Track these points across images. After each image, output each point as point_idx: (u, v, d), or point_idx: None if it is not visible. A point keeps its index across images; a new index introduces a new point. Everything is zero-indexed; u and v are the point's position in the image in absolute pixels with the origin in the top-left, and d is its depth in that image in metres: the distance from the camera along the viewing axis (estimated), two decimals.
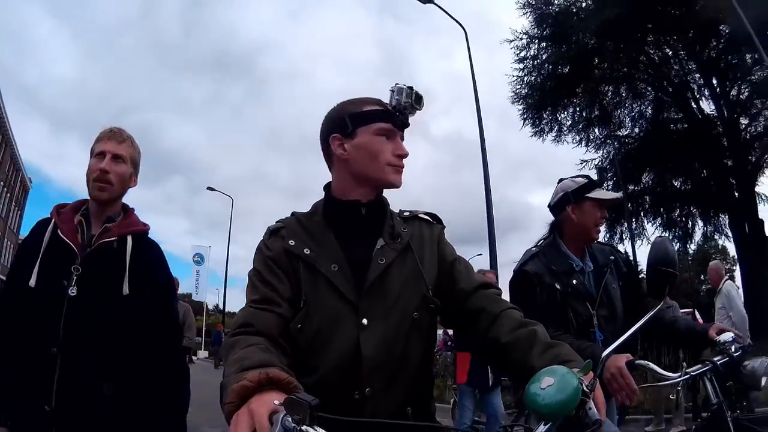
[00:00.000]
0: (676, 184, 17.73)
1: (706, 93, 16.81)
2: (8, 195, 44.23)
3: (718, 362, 2.21)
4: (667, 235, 17.62)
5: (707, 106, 17.04)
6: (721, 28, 14.66)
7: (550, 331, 2.14)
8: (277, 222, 1.57)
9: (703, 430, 2.30)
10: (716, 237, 18.86)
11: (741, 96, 16.18)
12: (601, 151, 17.91)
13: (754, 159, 16.00)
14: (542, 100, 17.50)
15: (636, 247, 17.19)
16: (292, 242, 1.47)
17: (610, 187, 16.73)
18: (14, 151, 44.10)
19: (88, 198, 2.16)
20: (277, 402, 0.93)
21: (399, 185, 1.54)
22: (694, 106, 17.00)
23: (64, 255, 1.98)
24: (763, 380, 2.22)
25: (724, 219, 17.18)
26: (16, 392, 1.90)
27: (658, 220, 17.63)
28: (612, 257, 2.70)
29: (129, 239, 2.10)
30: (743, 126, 16.39)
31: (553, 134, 18.12)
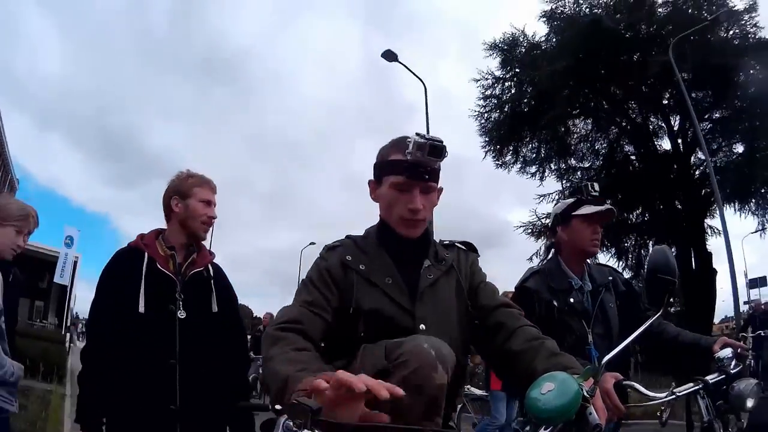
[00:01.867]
0: (632, 216, 18.32)
1: (665, 129, 17.51)
2: None
3: (711, 381, 2.21)
4: (619, 265, 18.13)
5: (664, 143, 17.76)
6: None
7: None
8: (333, 242, 1.68)
9: None
10: None
11: (700, 132, 16.94)
12: (561, 183, 18.51)
13: (704, 194, 16.67)
14: (506, 136, 18.21)
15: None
16: (349, 257, 1.58)
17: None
18: (5, 151, 43.95)
19: (165, 228, 2.59)
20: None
21: (413, 237, 1.62)
22: (652, 143, 17.72)
23: (165, 284, 2.41)
24: (749, 402, 2.20)
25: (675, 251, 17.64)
26: (143, 398, 2.28)
27: (612, 250, 18.24)
28: (610, 277, 2.73)
29: (210, 267, 2.58)
30: (698, 161, 17.11)
31: (518, 166, 18.80)
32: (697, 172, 17.06)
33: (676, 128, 17.14)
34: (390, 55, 16.05)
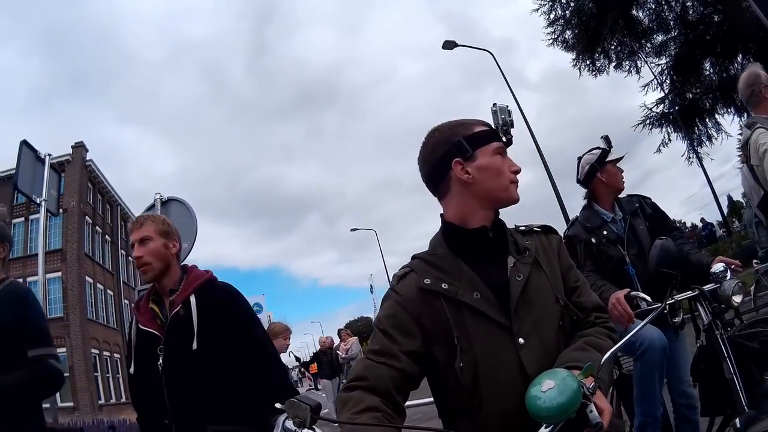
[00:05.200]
0: (737, 66, 17.26)
1: None
2: None
3: (706, 289, 2.49)
4: (742, 118, 17.77)
5: None
6: None
7: (587, 270, 2.91)
8: (401, 268, 1.54)
9: (702, 348, 2.58)
10: None
11: None
12: (662, 61, 18.15)
13: None
14: (588, 46, 18.13)
15: (719, 144, 17.73)
16: (427, 281, 1.44)
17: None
18: None
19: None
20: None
21: (518, 200, 1.53)
22: None
23: (151, 342, 2.20)
24: (736, 298, 2.47)
25: None
26: None
27: (731, 109, 17.41)
28: (637, 204, 3.19)
29: (192, 299, 2.23)
30: None
31: (613, 65, 18.57)
32: None
33: None
34: (450, 44, 17.09)
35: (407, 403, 1.40)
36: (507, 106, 1.56)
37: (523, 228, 1.61)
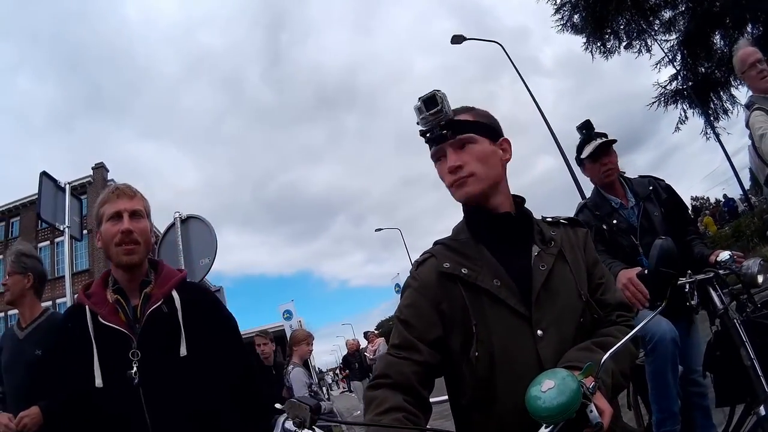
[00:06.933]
0: (748, 33, 16.85)
1: None
2: None
3: (721, 273, 2.48)
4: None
5: None
6: None
7: (597, 250, 2.81)
8: (422, 254, 1.51)
9: (718, 334, 2.46)
10: None
11: None
12: (672, 37, 17.80)
13: None
14: (597, 27, 17.90)
15: (736, 116, 17.27)
16: (447, 264, 1.41)
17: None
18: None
19: (110, 269, 1.92)
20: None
21: (465, 199, 1.47)
22: None
23: (117, 342, 1.77)
24: (760, 278, 2.45)
25: None
26: None
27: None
28: (651, 187, 2.96)
29: (175, 295, 1.87)
30: None
31: (624, 45, 18.29)
32: None
33: None
34: (458, 39, 17.18)
35: (433, 399, 1.40)
36: (420, 101, 1.41)
37: (549, 219, 1.58)
